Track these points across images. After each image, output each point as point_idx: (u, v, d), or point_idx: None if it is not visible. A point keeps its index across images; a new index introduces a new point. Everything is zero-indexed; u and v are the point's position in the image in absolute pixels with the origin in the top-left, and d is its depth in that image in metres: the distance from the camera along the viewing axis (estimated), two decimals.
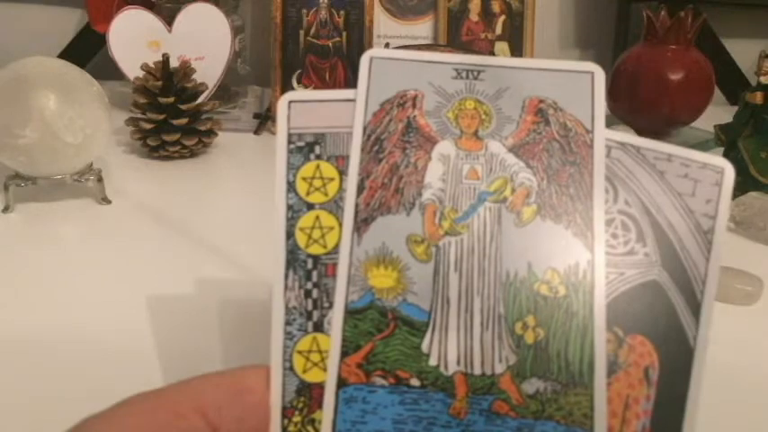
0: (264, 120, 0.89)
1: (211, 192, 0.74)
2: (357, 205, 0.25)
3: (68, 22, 1.06)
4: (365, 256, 0.25)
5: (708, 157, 0.26)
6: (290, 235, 0.25)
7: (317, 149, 0.26)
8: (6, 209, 0.63)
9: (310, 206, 0.25)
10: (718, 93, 0.89)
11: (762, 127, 0.65)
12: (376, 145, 0.26)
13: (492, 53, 0.92)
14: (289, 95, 0.26)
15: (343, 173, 0.26)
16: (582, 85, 0.26)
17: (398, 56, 0.27)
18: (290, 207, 0.25)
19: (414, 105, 0.26)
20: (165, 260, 0.56)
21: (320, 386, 0.24)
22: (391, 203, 0.25)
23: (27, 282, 0.52)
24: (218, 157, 0.80)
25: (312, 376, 0.24)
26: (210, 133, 0.78)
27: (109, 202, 0.65)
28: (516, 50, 0.95)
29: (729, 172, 0.26)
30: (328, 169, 0.26)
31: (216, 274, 0.54)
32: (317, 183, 0.26)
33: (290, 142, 0.26)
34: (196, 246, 0.59)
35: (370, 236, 0.25)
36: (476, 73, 0.27)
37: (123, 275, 0.53)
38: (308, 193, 0.26)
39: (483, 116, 0.26)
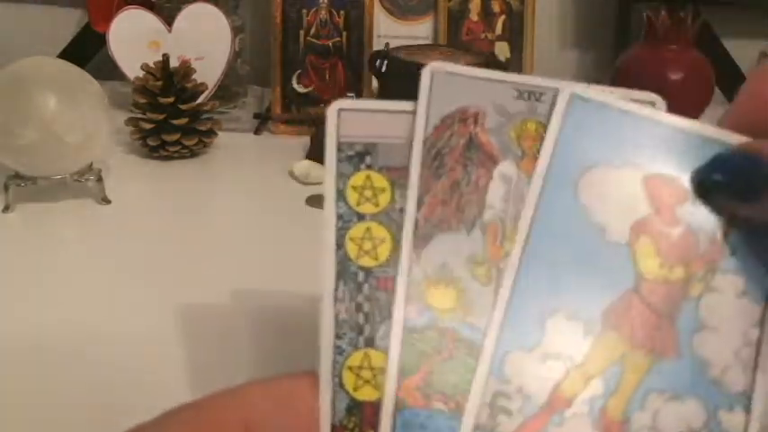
0: (264, 120, 0.89)
1: (211, 192, 0.74)
2: (416, 221, 0.24)
3: (68, 22, 1.06)
4: (424, 274, 0.24)
5: None
6: (340, 245, 0.24)
7: (368, 159, 0.25)
8: (6, 209, 0.63)
9: (361, 216, 0.25)
10: (718, 93, 0.89)
11: None
12: (436, 160, 0.25)
13: (492, 53, 0.92)
14: (338, 103, 0.25)
15: (394, 184, 0.25)
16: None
17: (460, 71, 0.26)
18: (339, 216, 0.25)
19: (475, 122, 0.25)
20: (164, 260, 0.56)
21: (372, 405, 0.23)
22: (452, 221, 0.25)
23: (27, 282, 0.52)
24: (218, 157, 0.80)
25: (363, 394, 0.23)
26: (210, 133, 0.78)
27: (109, 202, 0.65)
28: (516, 50, 0.95)
29: None
30: (379, 180, 0.25)
31: (215, 273, 0.53)
32: (368, 193, 0.25)
33: (339, 150, 0.25)
34: (195, 245, 0.59)
35: (430, 253, 0.24)
36: (537, 95, 0.26)
37: (122, 275, 0.53)
38: (358, 203, 0.25)
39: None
